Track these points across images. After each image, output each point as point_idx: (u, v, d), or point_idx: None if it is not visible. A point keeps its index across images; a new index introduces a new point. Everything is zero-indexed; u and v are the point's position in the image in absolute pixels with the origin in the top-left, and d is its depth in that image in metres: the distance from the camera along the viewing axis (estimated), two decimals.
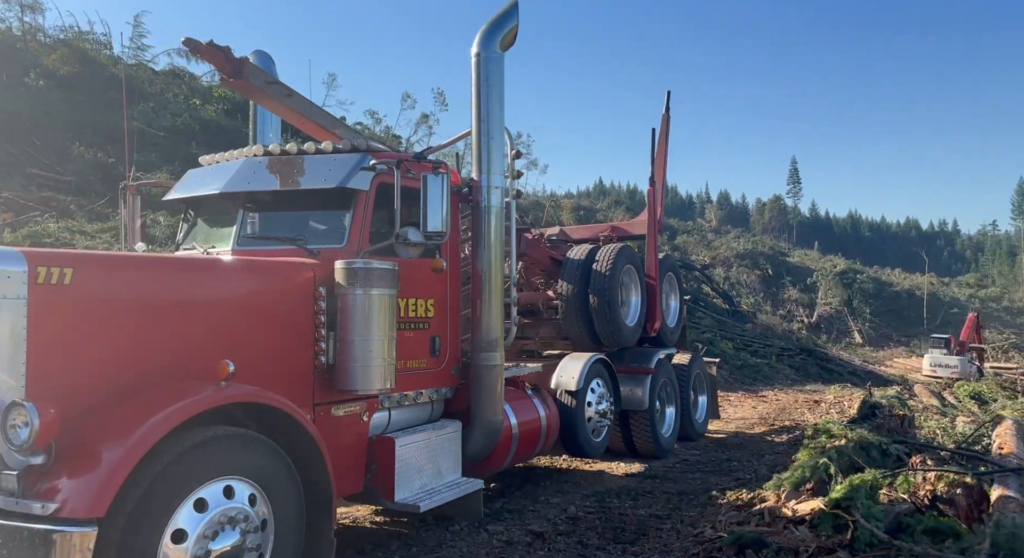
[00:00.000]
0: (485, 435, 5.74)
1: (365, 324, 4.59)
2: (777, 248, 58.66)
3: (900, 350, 43.78)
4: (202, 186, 5.28)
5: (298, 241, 4.86)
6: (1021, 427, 6.33)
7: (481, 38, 5.92)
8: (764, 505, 5.34)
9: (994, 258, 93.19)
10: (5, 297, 3.25)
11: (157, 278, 3.99)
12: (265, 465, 3.71)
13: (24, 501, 3.08)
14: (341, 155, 5.09)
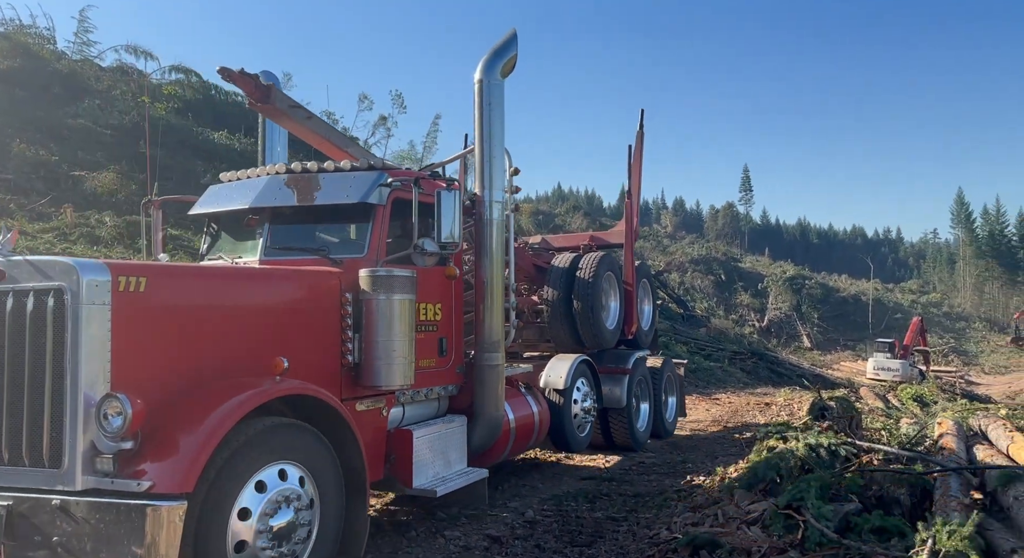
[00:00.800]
0: (488, 429, 6.26)
1: (388, 326, 5.07)
2: (730, 254, 59.95)
3: (847, 354, 45.18)
4: (229, 201, 5.74)
5: (322, 251, 5.32)
6: (960, 428, 6.59)
7: (483, 66, 6.38)
8: (718, 506, 5.42)
9: (935, 265, 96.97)
10: (93, 303, 3.65)
11: (215, 285, 4.55)
12: (311, 451, 4.18)
13: (120, 480, 3.49)
14: (360, 173, 5.55)
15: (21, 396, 3.70)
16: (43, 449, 3.64)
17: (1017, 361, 48.02)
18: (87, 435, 3.58)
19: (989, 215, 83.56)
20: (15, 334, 3.74)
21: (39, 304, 3.71)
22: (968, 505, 4.36)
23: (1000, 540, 4.02)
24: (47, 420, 3.64)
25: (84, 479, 3.56)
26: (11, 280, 3.77)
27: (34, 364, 3.70)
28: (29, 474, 3.67)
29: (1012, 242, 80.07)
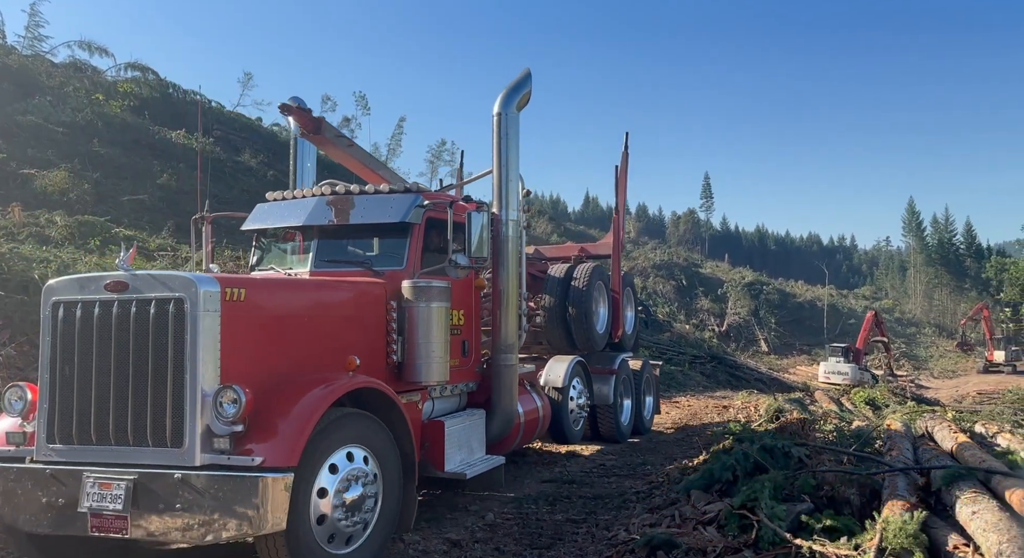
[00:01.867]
0: (503, 421, 7.04)
1: (427, 330, 5.85)
2: (691, 259, 60.87)
3: (803, 358, 46.24)
4: (280, 219, 6.52)
5: (365, 264, 6.07)
6: (908, 430, 6.81)
7: (501, 100, 7.14)
8: (675, 507, 5.49)
9: (887, 272, 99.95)
10: (207, 310, 4.35)
11: (298, 294, 5.38)
12: (373, 435, 4.86)
13: (235, 457, 4.16)
14: (398, 195, 6.35)
15: (145, 387, 4.36)
16: (166, 431, 4.30)
17: (964, 365, 49.82)
18: (203, 419, 4.25)
19: (939, 224, 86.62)
20: (139, 336, 4.40)
21: (161, 311, 4.38)
22: (914, 504, 4.49)
23: (943, 537, 4.16)
24: (169, 407, 4.30)
25: (202, 457, 4.22)
26: (134, 290, 4.45)
27: (156, 361, 4.36)
28: (151, 453, 4.32)
29: (959, 251, 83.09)
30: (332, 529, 4.52)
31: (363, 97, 50.61)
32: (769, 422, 7.64)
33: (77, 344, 4.50)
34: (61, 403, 4.51)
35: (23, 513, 4.44)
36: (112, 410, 4.41)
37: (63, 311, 4.56)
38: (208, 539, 4.14)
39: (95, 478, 4.27)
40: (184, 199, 20.89)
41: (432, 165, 53.68)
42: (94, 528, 4.26)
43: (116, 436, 4.40)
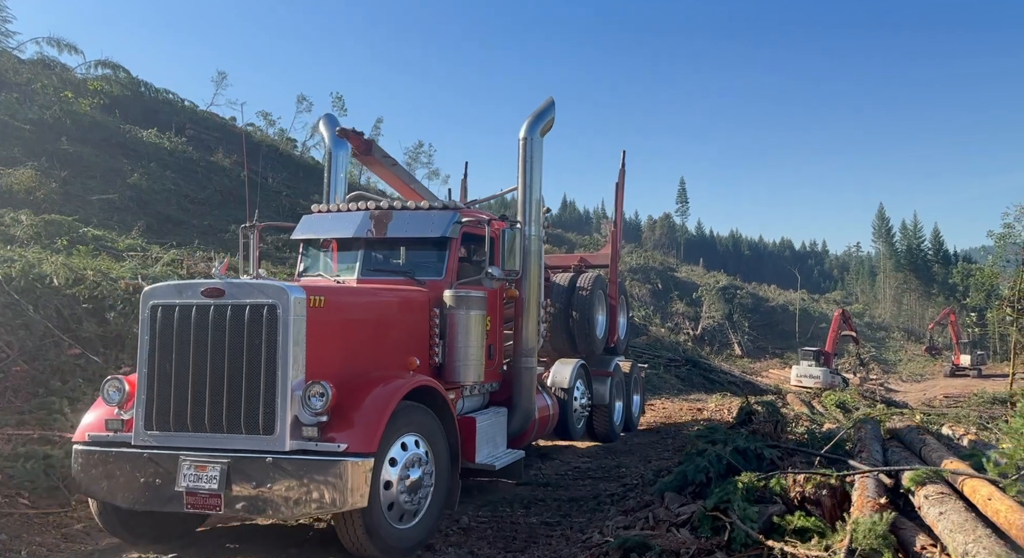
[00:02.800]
0: (523, 419, 7.61)
1: (466, 335, 6.56)
2: (666, 263, 61.35)
3: (775, 361, 46.78)
4: (330, 230, 7.15)
5: (408, 273, 6.74)
6: (876, 430, 6.91)
7: (527, 126, 7.69)
8: (649, 509, 5.50)
9: (858, 277, 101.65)
10: (296, 315, 4.91)
11: (364, 301, 5.97)
12: (428, 426, 5.48)
13: (322, 444, 4.74)
14: (437, 212, 7.03)
15: (240, 381, 4.88)
16: (259, 420, 4.83)
17: (931, 369, 50.78)
18: (292, 410, 4.81)
19: (907, 230, 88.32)
20: (234, 336, 4.93)
21: (255, 315, 4.93)
22: (883, 505, 4.55)
23: (911, 537, 4.22)
24: (262, 399, 4.84)
25: (291, 443, 4.77)
26: (230, 296, 4.99)
27: (251, 359, 4.90)
28: (244, 440, 4.85)
29: (927, 256, 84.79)
30: (397, 506, 5.15)
31: (340, 98, 50.29)
32: (742, 424, 7.70)
33: (175, 343, 5.03)
34: (159, 394, 5.02)
35: (121, 491, 4.97)
36: (208, 401, 4.94)
37: (161, 313, 5.11)
38: (294, 515, 4.85)
39: (191, 461, 4.83)
40: (155, 198, 20.56)
41: (409, 166, 53.51)
42: (189, 505, 4.82)
43: (211, 424, 4.92)
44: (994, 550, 3.60)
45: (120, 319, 8.87)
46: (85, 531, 5.62)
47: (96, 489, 5.06)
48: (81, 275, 9.28)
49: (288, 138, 44.39)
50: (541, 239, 7.88)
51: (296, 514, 4.80)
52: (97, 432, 5.19)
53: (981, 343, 52.53)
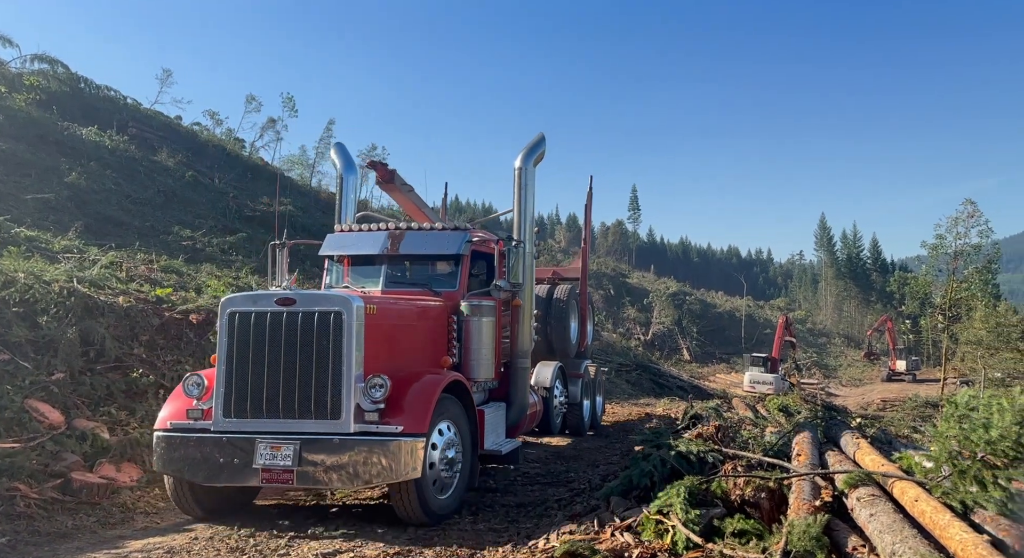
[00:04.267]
0: (519, 412, 8.52)
1: (479, 339, 7.69)
2: (619, 270, 62.12)
3: (722, 366, 47.82)
4: (357, 247, 8.14)
5: (426, 286, 7.85)
6: (815, 434, 7.13)
7: (522, 157, 8.66)
8: (595, 514, 5.56)
9: (800, 285, 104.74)
10: (356, 320, 5.91)
11: (403, 309, 7.09)
12: (458, 414, 6.58)
13: (382, 426, 5.77)
14: (450, 232, 8.16)
15: (310, 375, 5.86)
16: (327, 407, 5.81)
17: (869, 374, 52.68)
18: (355, 399, 5.81)
19: (848, 240, 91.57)
20: (305, 337, 5.91)
21: (323, 320, 5.92)
22: (818, 507, 4.70)
23: (844, 539, 4.37)
24: (330, 390, 5.83)
25: (355, 426, 5.77)
26: (300, 305, 5.97)
27: (319, 355, 5.87)
28: (313, 423, 5.82)
29: (866, 265, 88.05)
30: (439, 480, 6.25)
31: (291, 99, 49.36)
32: (686, 428, 7.86)
33: (252, 343, 5.93)
34: (237, 387, 5.92)
35: (202, 470, 5.84)
36: (281, 391, 5.87)
37: (239, 319, 5.99)
38: (356, 485, 5.79)
39: (267, 442, 5.75)
40: (94, 198, 19.80)
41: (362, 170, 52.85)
42: (264, 480, 5.75)
43: (284, 411, 5.86)
44: (919, 550, 3.76)
45: (53, 323, 8.51)
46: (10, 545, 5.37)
47: (178, 469, 5.93)
48: (12, 278, 8.88)
49: (236, 138, 43.40)
50: (533, 255, 8.82)
51: (358, 484, 5.75)
52: (177, 420, 6.05)
53: (916, 349, 54.76)
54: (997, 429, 4.40)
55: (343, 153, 10.01)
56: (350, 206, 9.80)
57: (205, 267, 16.32)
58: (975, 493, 4.46)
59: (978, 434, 4.50)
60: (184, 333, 9.77)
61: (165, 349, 9.40)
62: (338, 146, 10.19)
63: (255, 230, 24.56)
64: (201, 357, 9.38)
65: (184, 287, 12.36)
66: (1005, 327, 25.47)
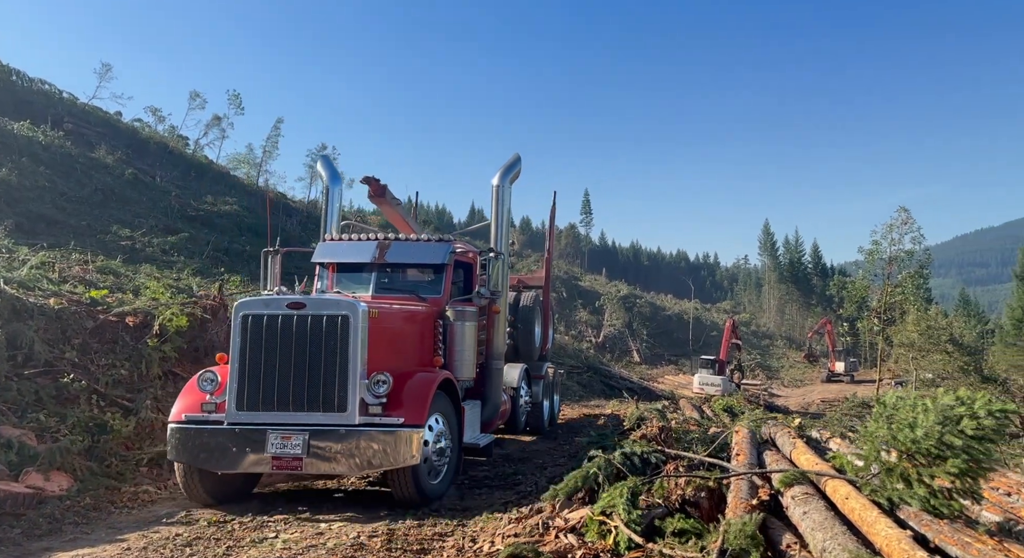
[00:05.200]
0: (492, 409, 9.28)
1: (463, 341, 8.39)
2: (571, 273, 62.65)
3: (670, 368, 48.69)
4: (349, 255, 8.80)
5: (413, 292, 8.45)
6: (754, 435, 7.34)
7: (499, 176, 9.53)
8: (539, 516, 5.59)
9: (745, 288, 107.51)
10: (360, 323, 6.55)
11: (399, 314, 7.72)
12: (447, 409, 7.26)
13: (384, 418, 6.43)
14: (436, 243, 8.88)
15: (319, 372, 6.48)
16: (334, 401, 6.45)
17: (810, 375, 54.37)
18: (359, 394, 6.47)
19: (790, 245, 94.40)
20: (314, 338, 6.51)
21: (332, 323, 6.53)
22: (755, 506, 4.83)
23: (779, 537, 4.50)
24: (337, 385, 6.46)
25: (360, 418, 6.43)
26: (310, 309, 6.57)
27: (327, 355, 6.48)
28: (321, 416, 6.45)
29: (807, 269, 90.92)
30: (432, 467, 6.94)
31: (237, 96, 48.26)
32: (632, 429, 7.99)
33: (264, 343, 6.49)
34: (250, 382, 6.47)
35: (215, 458, 6.41)
36: (291, 386, 6.46)
37: (251, 321, 6.54)
38: (360, 471, 6.50)
39: (278, 432, 6.36)
40: (26, 196, 18.94)
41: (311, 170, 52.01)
42: (275, 467, 6.36)
43: (293, 404, 6.45)
44: (847, 547, 3.90)
45: None
46: None
47: (192, 458, 6.48)
48: None
49: (180, 135, 42.15)
50: (507, 264, 9.63)
51: (362, 470, 6.48)
52: (191, 413, 6.60)
53: (854, 351, 56.75)
54: (922, 428, 4.59)
55: (328, 166, 10.77)
56: (334, 216, 10.49)
57: (144, 268, 15.80)
58: (901, 490, 4.65)
59: (904, 433, 4.69)
60: (120, 336, 9.43)
61: (99, 353, 9.06)
62: (323, 159, 10.99)
63: (198, 230, 23.90)
64: (138, 361, 9.08)
65: (121, 289, 11.94)
66: (935, 330, 26.66)
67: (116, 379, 8.69)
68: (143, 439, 8.10)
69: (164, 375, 9.30)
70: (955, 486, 4.52)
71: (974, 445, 4.43)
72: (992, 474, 6.25)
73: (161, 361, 9.28)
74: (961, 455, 4.42)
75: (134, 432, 8.03)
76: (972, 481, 4.51)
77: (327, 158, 10.98)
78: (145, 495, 7.13)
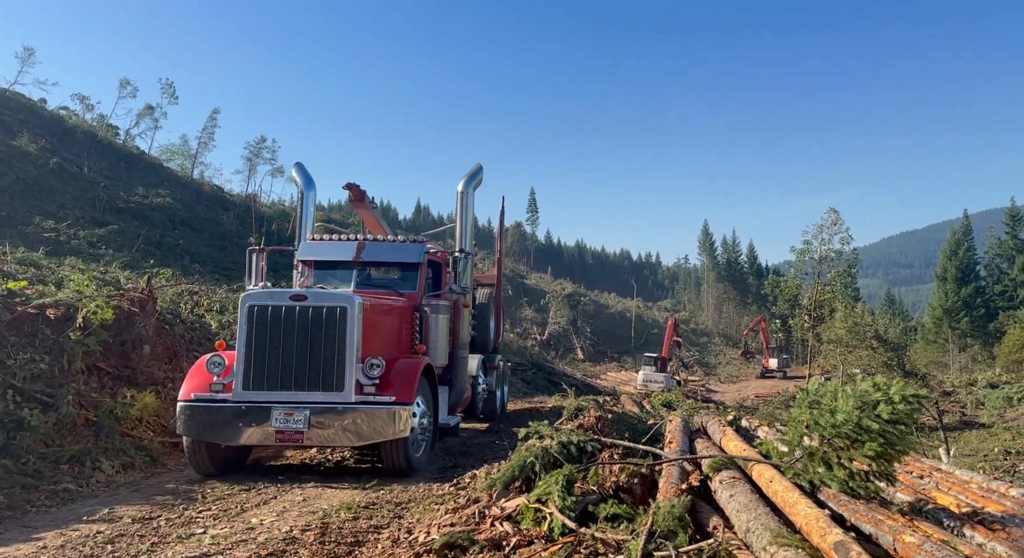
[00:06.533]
0: (459, 394, 10.31)
1: (437, 331, 9.53)
2: (517, 271, 62.91)
3: (613, 365, 49.47)
4: (332, 254, 9.62)
5: (391, 288, 9.35)
6: (687, 424, 7.53)
7: (464, 183, 10.89)
8: (476, 506, 5.60)
9: (685, 287, 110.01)
10: (356, 314, 7.57)
11: (384, 307, 8.57)
12: (426, 390, 8.21)
13: (378, 397, 7.47)
14: (411, 244, 9.90)
15: (319, 357, 7.40)
16: (333, 381, 7.40)
17: (746, 372, 56.11)
18: (355, 375, 7.43)
19: (728, 245, 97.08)
20: (314, 326, 7.41)
21: (331, 314, 7.45)
22: (685, 490, 4.96)
23: (706, 519, 4.64)
24: (335, 368, 7.41)
25: (356, 397, 7.40)
26: (311, 301, 7.52)
27: (327, 341, 7.42)
28: (321, 395, 7.39)
29: (743, 269, 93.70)
30: (415, 441, 7.91)
31: (170, 85, 46.63)
32: (570, 420, 8.07)
33: (269, 330, 7.39)
34: (256, 365, 7.38)
35: (223, 432, 7.30)
36: (294, 368, 7.38)
37: (257, 310, 7.44)
38: (356, 443, 7.45)
39: (282, 409, 7.29)
40: None
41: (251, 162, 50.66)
42: (279, 440, 7.30)
43: (296, 384, 7.36)
44: (769, 526, 4.05)
45: None
46: None
47: (201, 432, 7.34)
48: None
49: (109, 125, 40.42)
50: (471, 263, 10.53)
51: (358, 442, 7.41)
52: (200, 392, 7.43)
53: (787, 348, 58.84)
54: (842, 413, 4.80)
55: (303, 172, 11.56)
56: (310, 218, 11.34)
57: (70, 261, 15.11)
58: (822, 473, 4.85)
59: (825, 419, 4.88)
60: (40, 329, 8.98)
61: (16, 346, 8.60)
62: (298, 166, 11.70)
63: (128, 223, 22.99)
64: (59, 355, 8.66)
65: (43, 281, 11.38)
66: (861, 326, 27.89)
67: (35, 373, 8.27)
68: (64, 435, 7.74)
69: (88, 369, 8.90)
70: (872, 468, 4.75)
71: (889, 429, 4.65)
72: (908, 459, 6.60)
73: (84, 355, 8.88)
74: (877, 438, 4.63)
75: (54, 428, 7.67)
76: (887, 464, 4.74)
77: (301, 165, 11.69)
78: (65, 493, 6.82)
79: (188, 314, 13.03)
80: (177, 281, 14.98)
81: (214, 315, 14.12)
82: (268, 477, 7.85)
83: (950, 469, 6.45)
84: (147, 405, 8.87)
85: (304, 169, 11.65)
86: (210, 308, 14.55)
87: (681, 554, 3.74)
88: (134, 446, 8.25)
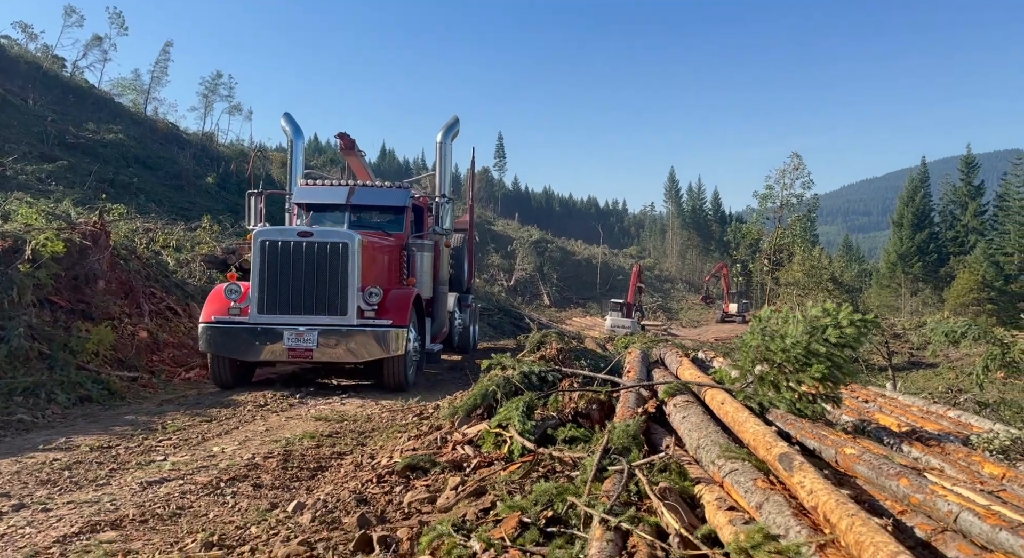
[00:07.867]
0: (440, 324, 11.59)
1: (422, 267, 10.70)
2: (485, 217, 62.55)
3: (578, 311, 50.12)
4: (326, 198, 10.49)
5: (381, 229, 10.26)
6: (645, 356, 7.71)
7: (442, 135, 12.00)
8: (439, 432, 5.70)
9: (651, 234, 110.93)
10: (356, 249, 8.67)
11: (379, 244, 9.64)
12: (416, 317, 9.32)
13: (376, 321, 8.69)
14: (398, 189, 10.98)
15: (325, 285, 8.57)
16: (337, 307, 8.60)
17: (706, 317, 57.39)
18: (356, 302, 8.64)
19: (693, 192, 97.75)
20: (320, 259, 8.55)
21: (335, 248, 8.57)
22: (640, 413, 5.10)
23: (660, 439, 4.80)
24: (340, 294, 8.59)
25: (357, 320, 8.62)
26: (316, 237, 8.60)
27: (332, 272, 8.55)
28: (327, 318, 8.56)
29: (708, 216, 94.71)
30: (410, 361, 9.03)
31: (119, 14, 44.18)
32: (532, 352, 8.20)
33: (280, 262, 8.46)
34: (269, 291, 8.50)
35: (241, 350, 8.48)
36: (303, 294, 8.50)
37: (268, 245, 8.50)
38: (359, 359, 8.57)
39: (294, 330, 8.42)
40: None
41: (207, 99, 48.85)
42: (291, 356, 8.46)
43: (305, 309, 8.50)
44: (718, 442, 4.20)
45: None
46: None
47: (222, 349, 8.51)
48: None
49: (54, 56, 38.37)
50: (449, 208, 11.53)
51: (360, 359, 8.54)
52: (220, 315, 8.56)
53: (746, 293, 60.20)
54: (791, 338, 4.95)
55: (291, 122, 12.36)
56: (299, 166, 12.26)
57: (17, 195, 14.52)
58: (771, 396, 5.04)
59: (776, 344, 5.03)
60: None
61: None
62: (286, 116, 12.44)
63: (79, 159, 22.12)
64: (8, 287, 8.42)
65: None
66: (818, 269, 28.58)
67: None
68: (16, 368, 7.59)
69: (39, 303, 8.68)
70: (819, 391, 4.93)
71: (836, 352, 4.82)
72: (855, 386, 6.88)
73: (35, 288, 8.64)
74: (825, 361, 4.80)
75: (6, 360, 7.51)
76: (833, 386, 4.93)
77: (289, 115, 12.49)
78: (20, 424, 6.73)
79: (144, 251, 12.72)
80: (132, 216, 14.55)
81: (171, 252, 13.81)
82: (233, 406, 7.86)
83: (894, 395, 6.76)
84: (102, 339, 8.72)
85: (292, 119, 12.46)
86: (166, 244, 14.21)
87: (634, 468, 3.87)
88: (90, 379, 8.14)
